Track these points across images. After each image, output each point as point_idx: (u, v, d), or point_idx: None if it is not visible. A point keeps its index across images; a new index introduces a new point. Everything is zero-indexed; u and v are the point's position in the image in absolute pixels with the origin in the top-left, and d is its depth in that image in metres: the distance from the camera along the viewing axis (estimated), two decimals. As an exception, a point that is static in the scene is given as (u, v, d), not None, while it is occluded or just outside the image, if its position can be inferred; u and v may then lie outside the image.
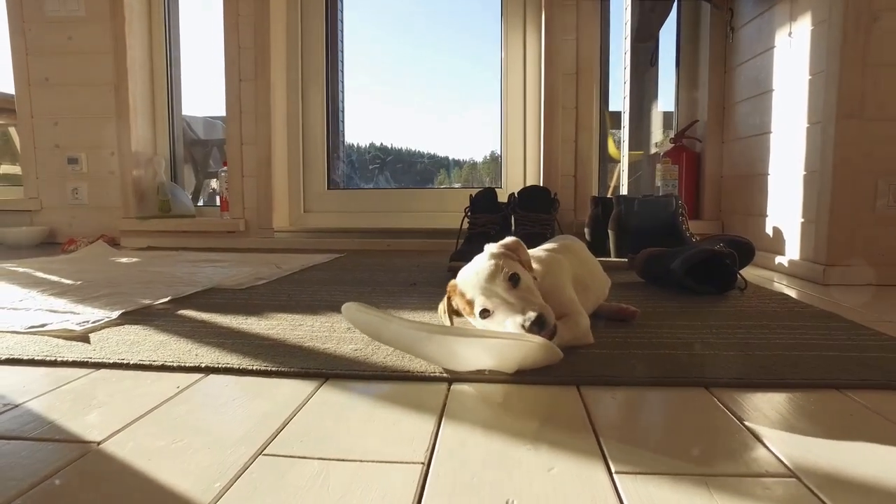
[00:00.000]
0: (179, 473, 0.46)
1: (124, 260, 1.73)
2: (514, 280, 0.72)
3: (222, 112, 2.89)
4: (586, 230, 1.89)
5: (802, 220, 1.43)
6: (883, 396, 0.62)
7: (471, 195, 1.58)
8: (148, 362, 0.73)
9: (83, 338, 0.84)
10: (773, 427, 0.54)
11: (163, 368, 0.72)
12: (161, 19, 2.26)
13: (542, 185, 1.95)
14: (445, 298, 0.80)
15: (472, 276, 0.74)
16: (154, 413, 0.58)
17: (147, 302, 1.08)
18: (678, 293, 1.18)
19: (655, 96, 2.36)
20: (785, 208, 1.51)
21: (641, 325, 0.91)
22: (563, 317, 0.77)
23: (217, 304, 1.09)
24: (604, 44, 2.13)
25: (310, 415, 0.58)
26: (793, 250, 1.47)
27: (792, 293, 1.22)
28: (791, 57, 1.49)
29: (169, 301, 1.11)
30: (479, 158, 2.60)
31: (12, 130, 2.78)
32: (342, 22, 2.34)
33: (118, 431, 0.53)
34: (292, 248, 2.03)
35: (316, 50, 2.22)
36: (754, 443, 0.51)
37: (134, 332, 0.88)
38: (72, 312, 1.00)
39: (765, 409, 0.59)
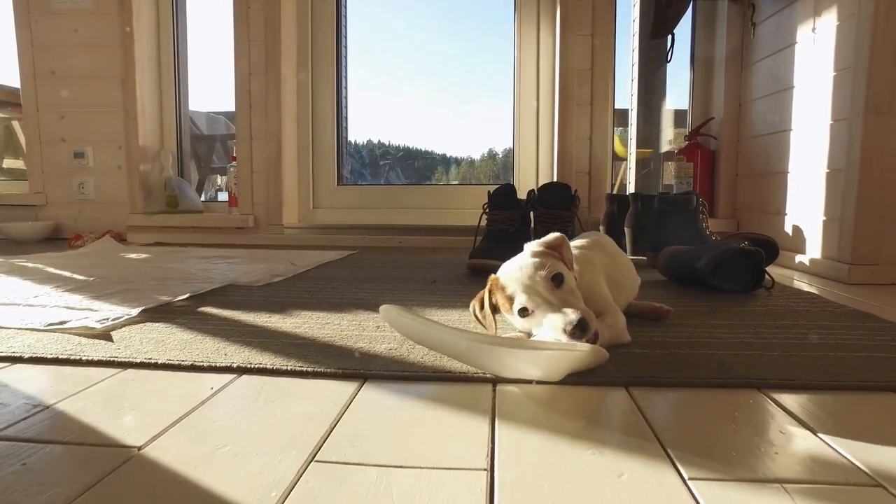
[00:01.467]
0: (231, 482, 0.43)
1: (133, 256, 1.70)
2: (557, 280, 0.70)
3: (225, 107, 2.86)
4: (601, 227, 1.87)
5: (825, 217, 1.41)
6: (943, 400, 0.60)
7: (489, 191, 1.56)
8: (177, 362, 0.70)
9: (105, 336, 0.82)
10: (838, 431, 0.52)
11: (193, 368, 0.69)
12: (169, 11, 2.23)
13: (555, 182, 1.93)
14: (486, 292, 0.77)
15: (516, 271, 0.72)
16: (192, 416, 0.56)
17: (166, 299, 1.06)
18: (703, 292, 1.16)
19: (664, 94, 2.34)
20: (805, 206, 1.50)
21: (676, 325, 0.89)
22: (600, 315, 0.75)
23: (237, 301, 1.07)
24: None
25: (355, 418, 0.55)
26: (814, 249, 1.45)
27: (819, 292, 1.20)
28: (814, 53, 1.47)
29: (188, 298, 1.08)
30: (476, 156, 2.57)
31: (16, 124, 2.74)
32: (346, 11, 2.29)
33: (158, 436, 0.51)
34: (302, 245, 2.00)
35: (327, 42, 2.19)
36: (824, 447, 0.49)
37: (157, 329, 0.85)
38: (89, 309, 0.97)
39: (824, 412, 0.57)
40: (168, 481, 0.44)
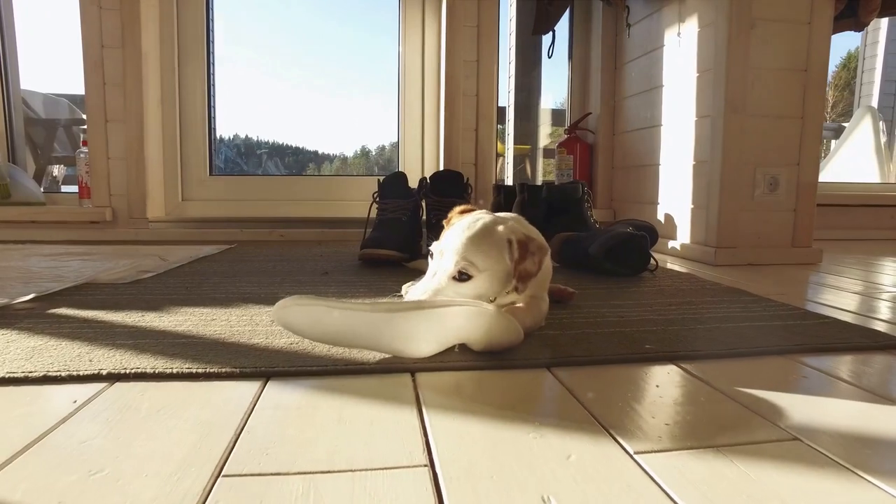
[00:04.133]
0: (114, 512, 0.34)
1: (-48, 255, 1.41)
2: (461, 277, 0.67)
3: (70, 89, 2.50)
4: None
5: (692, 206, 1.55)
6: (819, 359, 0.66)
7: (379, 180, 1.50)
8: (22, 374, 0.57)
9: (-84, 348, 0.65)
10: (747, 394, 0.55)
11: (45, 380, 0.56)
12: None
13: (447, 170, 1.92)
14: (452, 214, 0.79)
15: (463, 232, 0.70)
16: (49, 439, 0.44)
17: (2, 301, 0.87)
18: (595, 275, 1.20)
19: (539, 92, 2.43)
20: (675, 196, 1.63)
21: (579, 306, 0.91)
22: (530, 299, 0.74)
23: (99, 300, 0.91)
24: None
25: (264, 422, 0.48)
26: (684, 234, 1.59)
27: (695, 273, 1.30)
28: (680, 55, 1.60)
29: (32, 300, 0.90)
30: (349, 153, 2.49)
31: None
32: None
33: (1, 468, 0.40)
34: (171, 240, 1.79)
35: (195, 15, 1.97)
36: (741, 410, 0.51)
37: (-9, 337, 0.69)
38: None
39: (731, 377, 0.60)
40: (22, 523, 0.34)
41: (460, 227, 0.70)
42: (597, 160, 2.07)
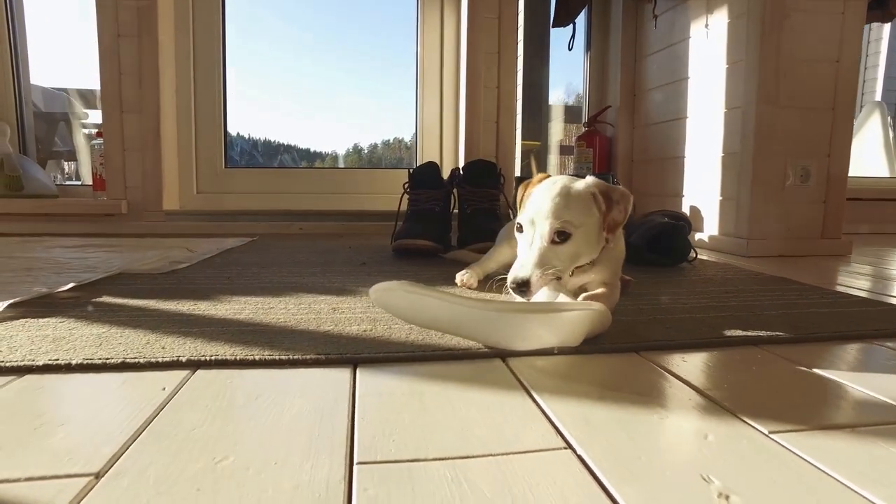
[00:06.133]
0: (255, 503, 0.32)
1: (-31, 248, 1.36)
2: (561, 237, 0.66)
3: (71, 83, 2.45)
4: (509, 211, 1.88)
5: (721, 198, 1.54)
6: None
7: (409, 170, 1.48)
8: (100, 360, 0.54)
9: (-27, 337, 0.62)
10: (852, 376, 0.54)
11: (125, 367, 0.54)
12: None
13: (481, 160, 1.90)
14: (523, 187, 0.76)
15: (550, 193, 0.69)
16: (154, 425, 0.42)
17: (43, 290, 0.84)
18: (635, 265, 1.19)
19: (547, 88, 2.41)
20: (702, 188, 1.62)
21: (639, 294, 0.90)
22: (607, 286, 0.72)
23: (143, 289, 0.88)
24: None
25: (373, 408, 0.46)
26: (711, 226, 1.58)
27: (733, 263, 1.29)
28: (708, 47, 1.59)
29: (73, 288, 0.87)
30: (341, 151, 2.45)
31: None
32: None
33: (117, 457, 0.37)
34: (187, 233, 1.76)
35: (210, 4, 1.94)
36: (855, 391, 0.50)
37: (48, 325, 0.66)
38: (-65, 307, 0.73)
39: (823, 360, 0.59)
40: (168, 511, 0.31)
41: (542, 193, 0.69)
42: (616, 153, 2.05)
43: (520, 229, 0.71)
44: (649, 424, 0.43)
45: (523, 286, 0.65)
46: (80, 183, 2.52)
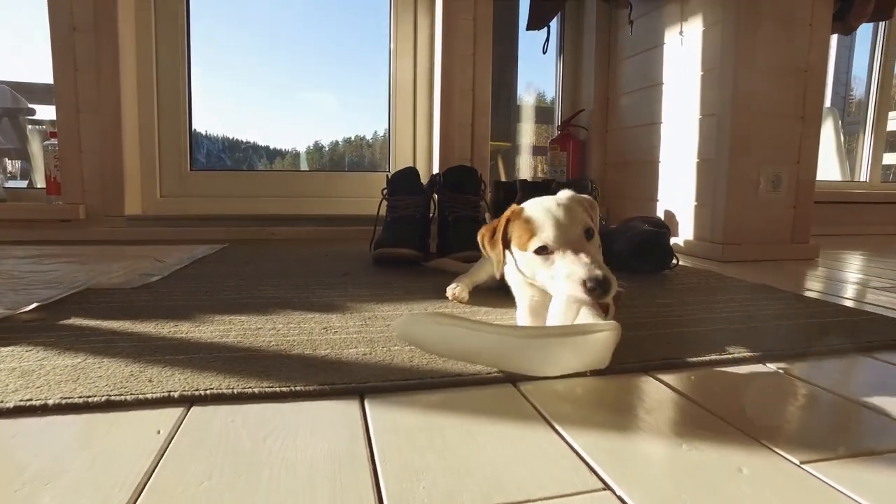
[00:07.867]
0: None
1: None
2: (589, 234, 0.65)
3: (14, 76, 2.32)
4: (487, 215, 1.87)
5: (696, 203, 1.56)
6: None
7: (387, 175, 1.44)
8: (80, 399, 0.50)
9: (-70, 371, 0.56)
10: (865, 395, 0.54)
11: (109, 406, 0.49)
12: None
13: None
14: (503, 220, 0.70)
15: (552, 205, 0.66)
16: (159, 479, 0.38)
17: (3, 312, 0.77)
18: (619, 274, 1.19)
19: (516, 88, 2.41)
20: (676, 193, 1.64)
21: (630, 306, 0.89)
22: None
23: (115, 308, 0.82)
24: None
25: (392, 447, 0.43)
26: (686, 231, 1.60)
27: (711, 269, 1.31)
28: (682, 54, 1.61)
29: (36, 309, 0.81)
30: (301, 148, 2.39)
31: None
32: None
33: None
34: (151, 240, 1.67)
35: (172, 1, 1.85)
36: (871, 414, 0.50)
37: (12, 355, 0.61)
38: None
39: (831, 379, 0.59)
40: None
41: (545, 212, 0.66)
42: (590, 157, 2.07)
43: (542, 251, 0.65)
44: (680, 457, 0.42)
45: (604, 283, 0.60)
46: (26, 185, 2.38)
